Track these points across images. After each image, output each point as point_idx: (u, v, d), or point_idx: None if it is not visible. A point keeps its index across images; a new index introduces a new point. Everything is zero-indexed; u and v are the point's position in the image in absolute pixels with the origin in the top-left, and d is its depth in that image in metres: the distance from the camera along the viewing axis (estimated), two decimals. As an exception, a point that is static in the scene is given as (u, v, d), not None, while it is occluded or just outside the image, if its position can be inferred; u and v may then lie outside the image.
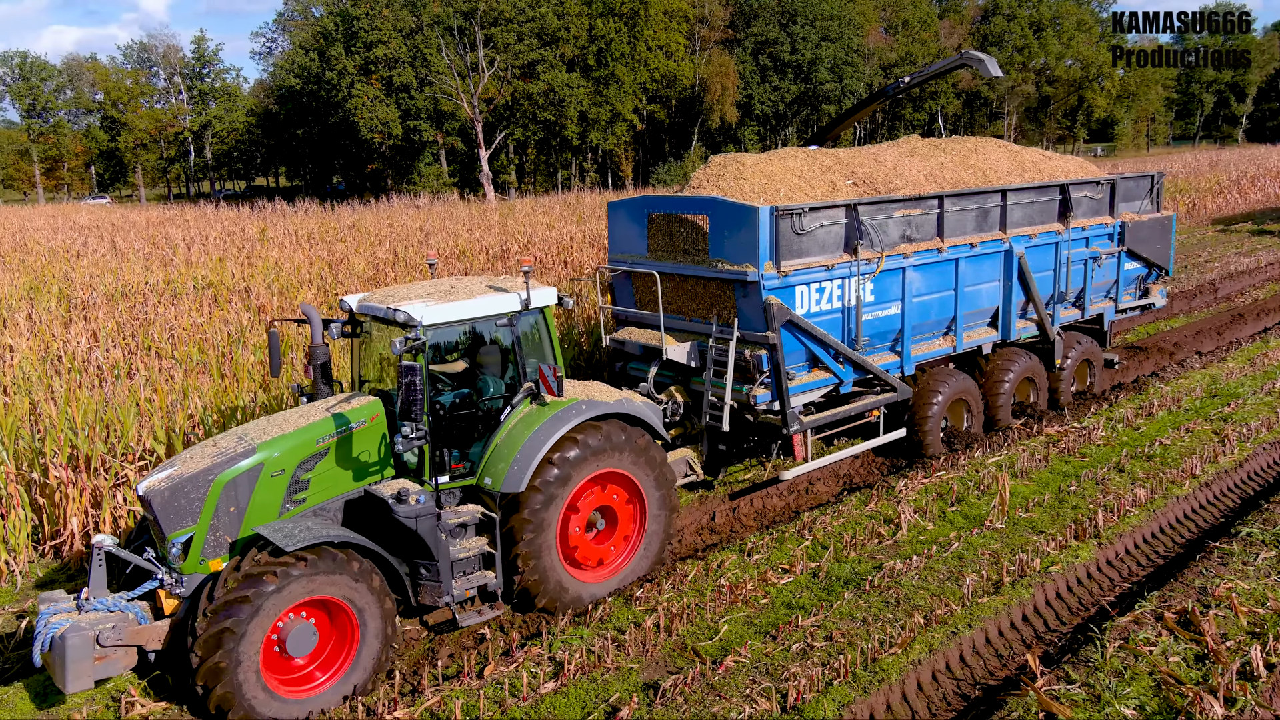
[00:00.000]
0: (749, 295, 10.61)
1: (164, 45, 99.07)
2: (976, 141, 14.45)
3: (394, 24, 68.18)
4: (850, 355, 11.42)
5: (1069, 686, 7.35)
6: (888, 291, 11.82)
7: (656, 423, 10.06)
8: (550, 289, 9.51)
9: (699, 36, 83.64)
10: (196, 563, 7.96)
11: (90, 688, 7.55)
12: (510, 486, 8.73)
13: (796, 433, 11.15)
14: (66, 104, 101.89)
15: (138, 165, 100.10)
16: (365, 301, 9.41)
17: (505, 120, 72.96)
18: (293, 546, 7.41)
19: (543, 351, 9.60)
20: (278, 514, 8.29)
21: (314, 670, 7.86)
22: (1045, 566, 9.48)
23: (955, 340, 12.91)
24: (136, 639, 7.68)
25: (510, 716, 7.43)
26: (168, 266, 25.67)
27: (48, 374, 15.20)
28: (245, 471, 8.10)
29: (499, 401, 9.30)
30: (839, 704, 7.40)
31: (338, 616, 7.86)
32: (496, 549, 8.88)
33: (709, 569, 9.82)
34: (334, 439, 8.61)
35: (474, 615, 8.81)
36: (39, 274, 24.35)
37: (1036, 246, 13.52)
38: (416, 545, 8.50)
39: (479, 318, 9.06)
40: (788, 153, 12.41)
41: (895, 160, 13.05)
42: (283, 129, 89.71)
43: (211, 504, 7.98)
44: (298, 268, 24.99)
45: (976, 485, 11.65)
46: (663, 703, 7.47)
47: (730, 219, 10.68)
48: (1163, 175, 15.72)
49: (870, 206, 11.39)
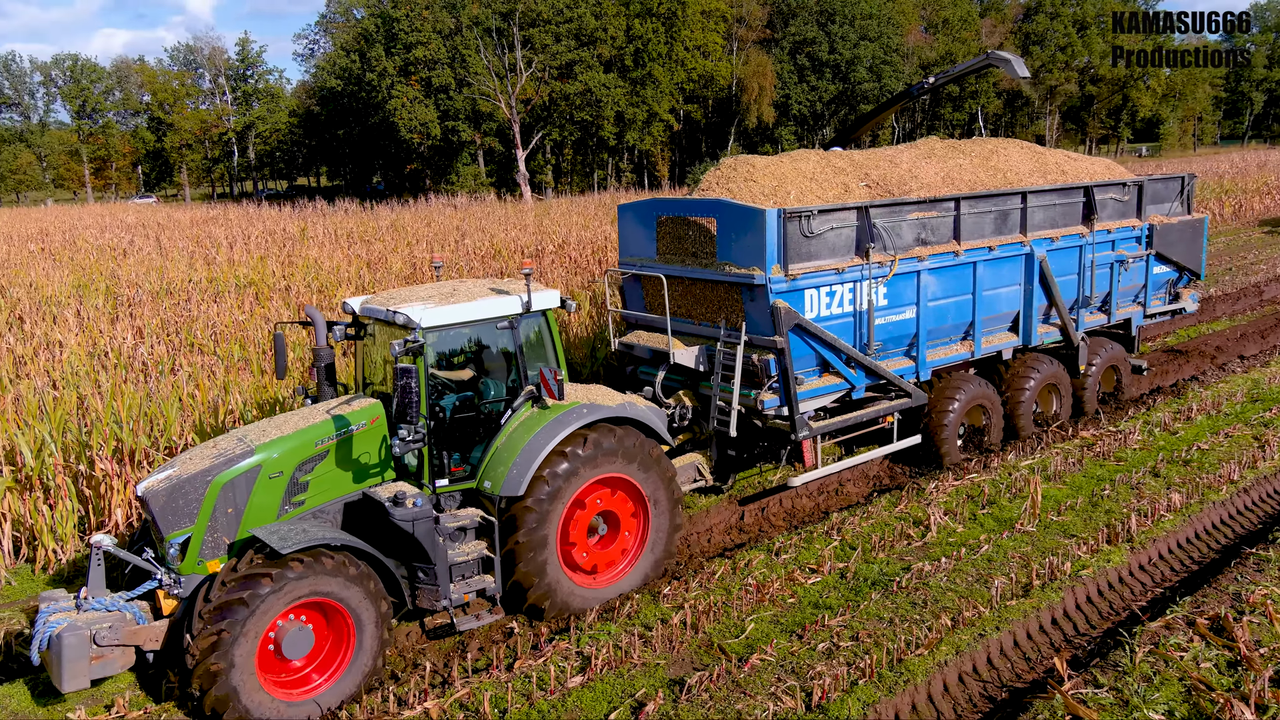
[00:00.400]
0: (756, 299, 10.49)
1: (209, 47, 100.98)
2: (998, 143, 14.16)
3: (433, 25, 68.88)
4: (862, 360, 11.26)
5: (1096, 690, 7.31)
6: (901, 295, 11.63)
7: (660, 427, 9.94)
8: (553, 292, 9.45)
9: (736, 36, 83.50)
10: (194, 564, 7.98)
11: (86, 687, 7.59)
12: (509, 490, 8.66)
13: (805, 439, 11.04)
14: (115, 105, 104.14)
15: (183, 165, 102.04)
16: (368, 304, 9.42)
17: (542, 120, 73.37)
18: (288, 549, 7.38)
19: (546, 354, 9.55)
20: (276, 516, 8.28)
21: (310, 672, 7.85)
22: (1076, 570, 9.41)
23: (974, 345, 12.67)
24: (134, 639, 7.69)
25: (538, 709, 7.54)
26: (210, 265, 26.19)
27: (95, 369, 15.60)
28: (243, 473, 8.10)
29: (500, 404, 9.26)
30: (864, 703, 7.42)
31: (334, 619, 7.84)
32: (495, 553, 8.83)
33: (736, 568, 9.87)
34: (333, 441, 8.58)
35: (472, 619, 8.74)
36: (87, 272, 24.96)
37: (1059, 250, 13.22)
38: (414, 548, 8.46)
39: (479, 320, 9.01)
40: (800, 155, 12.28)
41: (911, 162, 12.85)
42: (324, 129, 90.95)
43: (209, 505, 7.99)
44: (336, 266, 25.36)
45: (1008, 488, 11.58)
46: (688, 699, 7.54)
47: (737, 221, 10.54)
48: (1194, 177, 15.33)
49: (882, 209, 11.22)
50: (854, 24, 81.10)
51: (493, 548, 8.85)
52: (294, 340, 16.10)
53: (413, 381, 7.95)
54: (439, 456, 8.87)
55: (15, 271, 25.45)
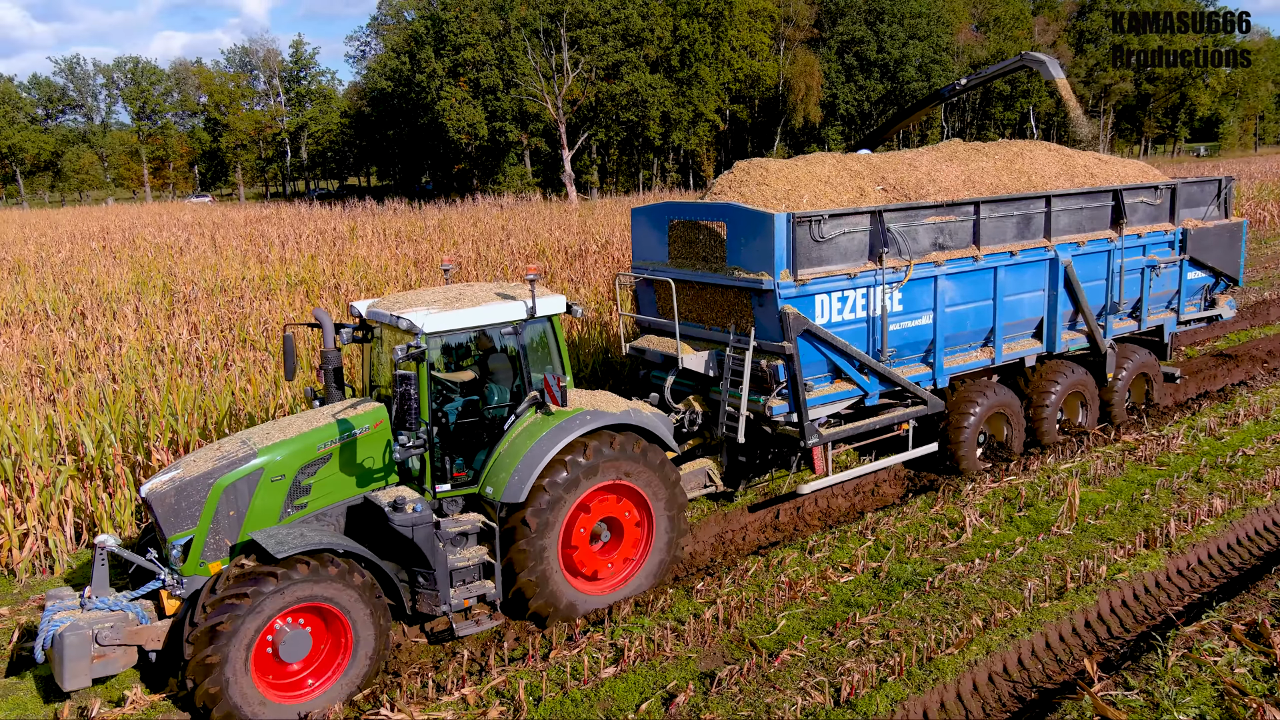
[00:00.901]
0: (765, 304, 10.36)
1: (264, 50, 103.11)
2: (1024, 145, 13.83)
3: (482, 27, 69.66)
4: (875, 366, 11.06)
5: (1127, 693, 7.32)
6: (918, 301, 11.42)
7: (666, 434, 9.85)
8: (559, 297, 9.39)
9: (784, 36, 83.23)
10: (196, 565, 8.06)
11: (88, 685, 7.69)
12: (510, 497, 8.65)
13: (815, 445, 10.87)
14: (173, 106, 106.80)
15: (238, 165, 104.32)
16: (374, 308, 9.37)
17: (588, 121, 73.84)
18: (284, 553, 7.41)
19: (551, 360, 9.50)
20: (278, 519, 8.33)
21: (306, 676, 7.86)
22: (1112, 574, 9.38)
23: (994, 352, 12.39)
24: (135, 639, 7.77)
25: (571, 698, 7.73)
26: (263, 263, 26.87)
27: (152, 364, 16.15)
28: (245, 476, 8.16)
29: (504, 410, 9.25)
30: (892, 700, 7.50)
31: (333, 623, 7.86)
32: (496, 559, 8.82)
33: (770, 565, 9.99)
34: (336, 445, 8.59)
35: (471, 625, 8.76)
36: (146, 269, 25.76)
37: (1085, 255, 12.91)
38: (414, 553, 8.47)
39: (482, 326, 8.98)
40: (816, 158, 12.05)
41: (931, 165, 12.59)
42: (374, 130, 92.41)
43: (211, 507, 8.05)
44: (384, 265, 25.87)
45: (1047, 491, 11.54)
46: (718, 691, 7.69)
47: (746, 226, 10.40)
48: (1231, 180, 14.86)
49: (897, 213, 10.99)
50: (903, 23, 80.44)
51: (494, 553, 8.84)
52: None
53: (412, 388, 7.93)
54: (441, 461, 8.86)
55: (78, 269, 26.37)
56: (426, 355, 8.51)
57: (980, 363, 12.34)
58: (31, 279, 24.70)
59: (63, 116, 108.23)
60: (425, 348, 8.44)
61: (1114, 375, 13.84)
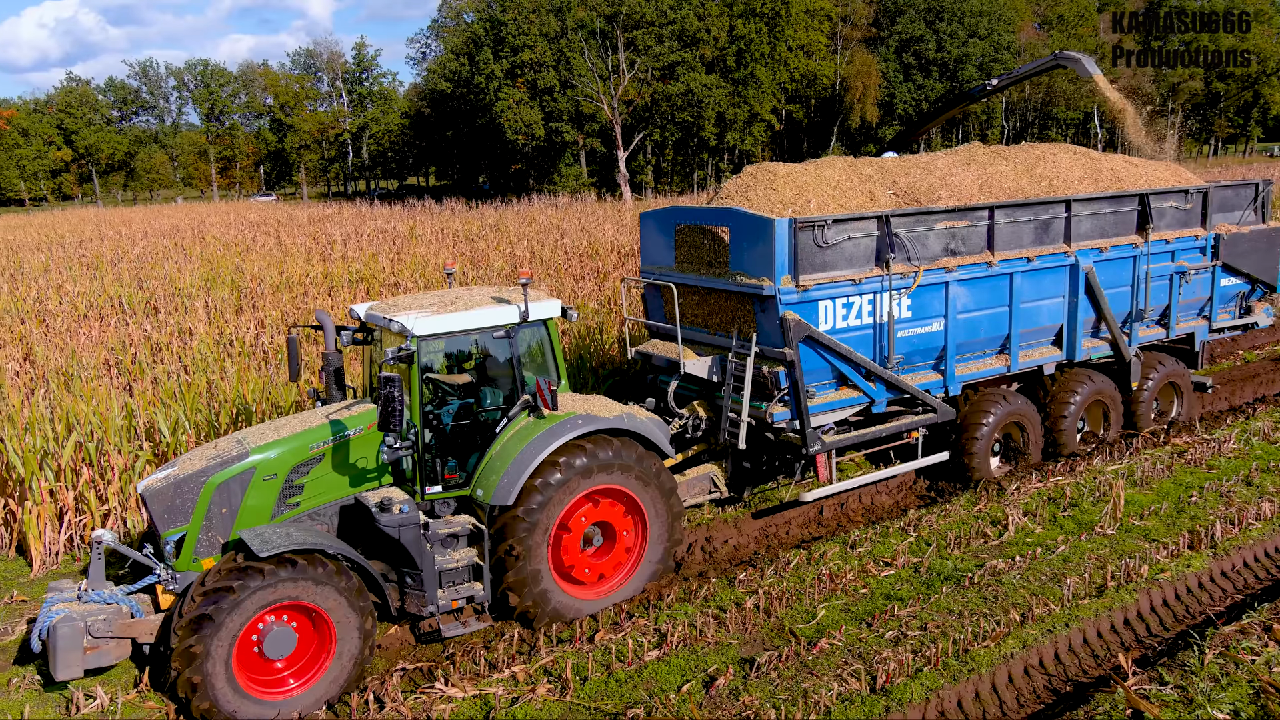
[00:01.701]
0: (766, 309, 10.29)
1: (328, 52, 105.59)
2: (1047, 148, 13.61)
3: (540, 29, 70.48)
4: (881, 373, 10.94)
5: (1161, 688, 7.42)
6: (928, 307, 11.27)
7: (661, 439, 9.83)
8: (554, 301, 9.48)
9: (841, 35, 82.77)
10: (189, 561, 8.29)
11: (80, 676, 7.84)
12: (499, 500, 8.71)
13: (818, 453, 10.82)
14: (240, 108, 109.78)
15: (301, 165, 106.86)
16: (372, 310, 9.52)
17: (644, 121, 74.26)
18: (267, 552, 7.56)
19: (545, 364, 9.60)
20: (270, 517, 8.52)
21: (288, 675, 7.99)
22: (1154, 574, 9.44)
23: (1010, 360, 12.18)
24: (128, 631, 7.96)
25: (615, 678, 8.07)
26: (326, 260, 27.70)
27: (221, 356, 16.88)
28: (237, 474, 8.38)
29: (497, 413, 9.36)
30: (927, 689, 7.70)
31: (318, 624, 7.98)
32: (485, 560, 8.94)
33: (811, 558, 10.22)
34: (329, 445, 8.77)
35: (458, 626, 8.89)
36: (215, 266, 26.74)
37: (1109, 260, 12.60)
38: (401, 554, 8.62)
39: (474, 329, 9.07)
40: (826, 162, 11.95)
41: (946, 169, 12.35)
42: (433, 131, 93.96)
43: (203, 505, 8.28)
44: (442, 263, 26.48)
45: (1092, 492, 11.57)
46: (757, 676, 7.96)
47: (748, 231, 10.35)
48: (1269, 183, 14.41)
49: (905, 218, 10.85)
50: (963, 21, 79.43)
51: (483, 555, 8.95)
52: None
53: (395, 390, 8.01)
54: (432, 463, 9.00)
55: (151, 265, 27.47)
56: (416, 357, 8.64)
57: (995, 370, 12.18)
58: (109, 274, 25.84)
59: (136, 118, 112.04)
60: (414, 350, 8.58)
61: (1139, 384, 13.52)
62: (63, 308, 21.41)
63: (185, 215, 54.08)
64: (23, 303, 21.77)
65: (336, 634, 7.97)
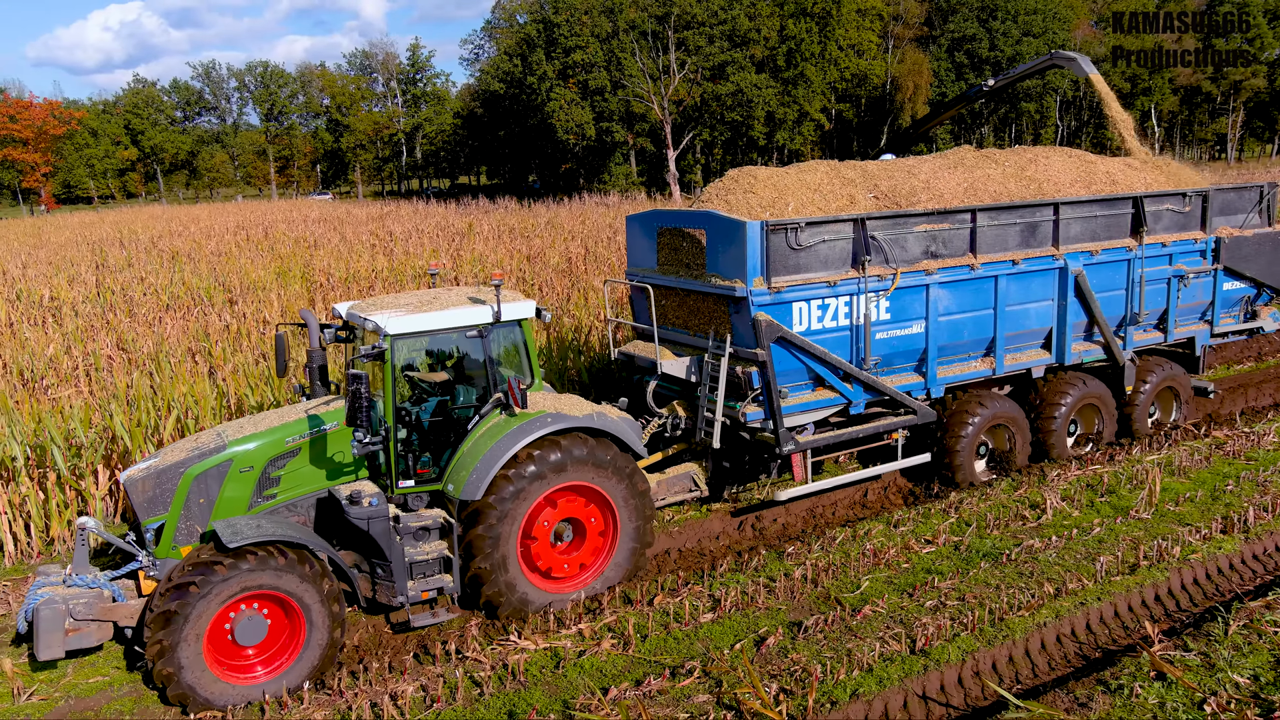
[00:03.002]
0: (740, 311, 10.43)
1: (383, 53, 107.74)
2: (1039, 151, 13.50)
3: (592, 30, 71.45)
4: (858, 375, 11.02)
5: (1185, 654, 7.94)
6: (908, 309, 11.33)
7: (632, 438, 10.03)
8: (529, 302, 9.69)
9: (892, 34, 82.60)
10: (169, 549, 8.64)
11: (61, 657, 8.20)
12: (468, 494, 8.96)
13: (793, 452, 10.93)
14: (298, 108, 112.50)
15: (356, 164, 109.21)
16: (353, 309, 9.74)
17: (693, 121, 74.90)
18: (236, 543, 7.84)
19: (520, 363, 9.89)
20: (247, 507, 8.85)
21: (257, 662, 8.27)
22: (1185, 554, 9.89)
23: (995, 362, 12.21)
24: (109, 615, 8.31)
25: (673, 636, 8.78)
26: (389, 256, 28.81)
27: (297, 344, 17.89)
28: (215, 466, 8.73)
29: (470, 410, 9.62)
30: (963, 651, 8.29)
31: (290, 612, 8.24)
32: (455, 553, 9.21)
33: (856, 535, 10.83)
34: (306, 439, 9.10)
35: (428, 616, 9.07)
36: (284, 260, 27.98)
37: (1100, 264, 12.55)
38: (373, 545, 8.93)
39: (447, 329, 9.29)
40: (809, 166, 12.00)
41: (931, 173, 12.36)
42: (486, 130, 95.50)
43: (182, 495, 8.63)
44: (500, 260, 27.42)
45: (1130, 479, 12.00)
46: (804, 637, 8.61)
47: (723, 233, 10.51)
48: (1276, 186, 14.21)
49: (882, 221, 10.94)
50: (1017, 20, 78.82)
51: (453, 548, 9.22)
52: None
53: (362, 387, 8.26)
54: (405, 458, 9.28)
55: (226, 260, 28.82)
56: (390, 355, 8.93)
57: (980, 373, 12.21)
58: (187, 268, 27.20)
59: (199, 118, 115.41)
60: (386, 348, 8.88)
61: (1133, 389, 13.43)
62: (146, 299, 22.70)
63: (249, 213, 55.91)
64: (110, 294, 23.10)
65: (306, 623, 8.25)
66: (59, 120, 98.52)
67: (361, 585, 9.08)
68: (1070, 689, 7.65)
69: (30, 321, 20.19)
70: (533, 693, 7.95)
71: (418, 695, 7.94)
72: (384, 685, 8.13)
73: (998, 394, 12.70)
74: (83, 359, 16.92)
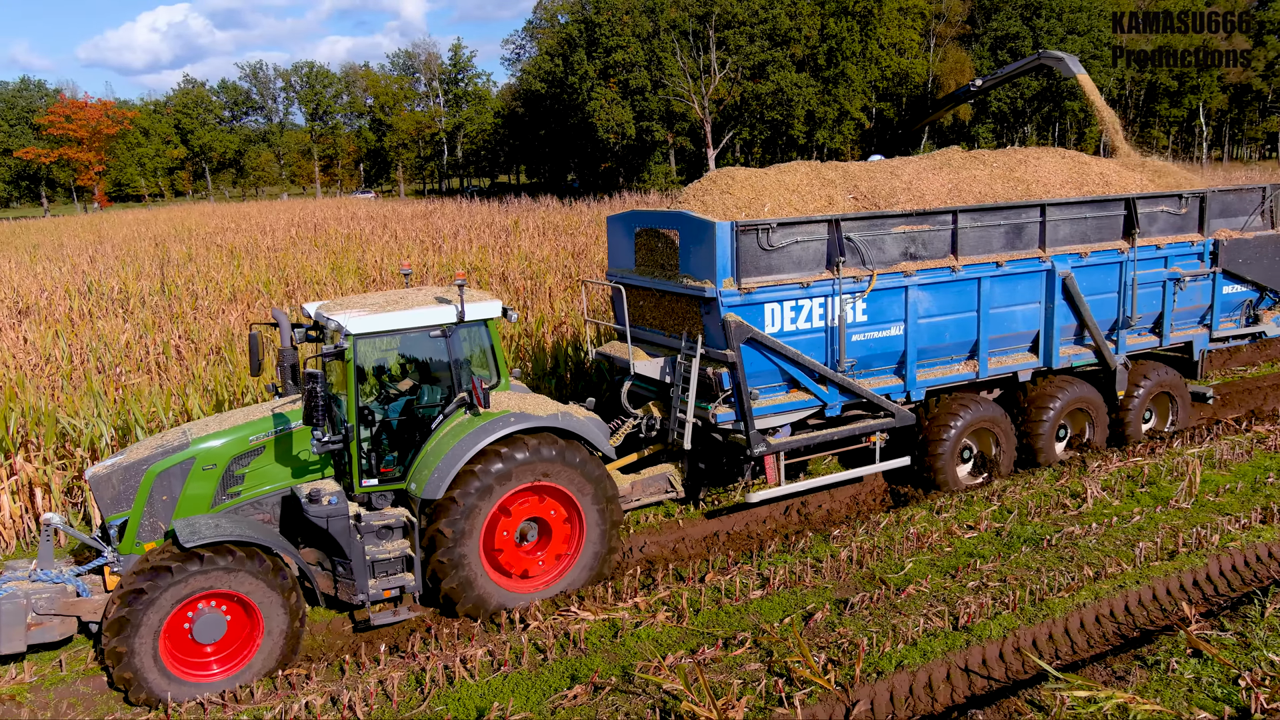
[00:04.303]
0: (710, 312, 10.41)
1: (425, 53, 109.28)
2: (1030, 152, 13.35)
3: (633, 29, 72.00)
4: (831, 377, 10.98)
5: (1222, 634, 8.23)
6: (885, 311, 11.26)
7: (598, 438, 10.05)
8: (494, 302, 9.70)
9: (934, 33, 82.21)
10: (132, 544, 8.71)
11: (23, 650, 8.27)
12: (429, 493, 9.01)
13: (765, 454, 10.89)
14: (342, 108, 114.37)
15: (399, 163, 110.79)
16: (320, 309, 9.82)
17: (733, 120, 75.17)
18: (192, 543, 7.93)
19: (486, 363, 9.94)
20: (211, 505, 8.93)
21: (213, 661, 8.35)
22: (1224, 542, 10.14)
23: (979, 366, 12.09)
24: (72, 610, 8.37)
25: (724, 611, 9.23)
26: (438, 252, 29.52)
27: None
28: (177, 464, 8.80)
29: (435, 410, 9.70)
30: (1004, 628, 8.64)
31: (250, 611, 8.33)
32: (416, 552, 9.28)
33: (900, 520, 11.20)
34: (270, 437, 9.17)
35: (388, 615, 9.14)
36: (338, 256, 28.80)
37: (1090, 266, 12.39)
38: (333, 544, 9.01)
39: (410, 329, 9.31)
40: (789, 167, 11.98)
41: (915, 174, 12.24)
42: (526, 130, 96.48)
43: (144, 492, 8.70)
44: (545, 256, 28.01)
45: (1170, 471, 12.24)
46: (850, 613, 9.02)
47: (694, 234, 10.50)
48: (1278, 187, 13.93)
49: (858, 222, 10.87)
50: (1061, 18, 78.10)
51: (415, 546, 9.30)
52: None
53: (318, 387, 8.32)
54: (369, 457, 9.35)
55: (282, 255, 29.73)
56: (351, 355, 8.98)
57: (963, 376, 12.09)
58: (245, 263, 28.12)
59: (246, 118, 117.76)
60: (347, 347, 8.94)
61: (1126, 394, 13.23)
62: (208, 292, 23.58)
63: (297, 210, 57.16)
64: (174, 287, 24.02)
65: (263, 621, 8.35)
66: (112, 120, 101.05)
67: (322, 583, 9.19)
68: (1108, 663, 7.98)
69: (102, 313, 21.10)
70: (593, 658, 8.44)
71: (486, 659, 8.46)
72: (454, 650, 8.66)
73: (982, 398, 12.54)
74: (152, 348, 17.72)
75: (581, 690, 7.82)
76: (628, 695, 7.76)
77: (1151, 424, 14.03)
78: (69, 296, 22.97)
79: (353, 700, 7.77)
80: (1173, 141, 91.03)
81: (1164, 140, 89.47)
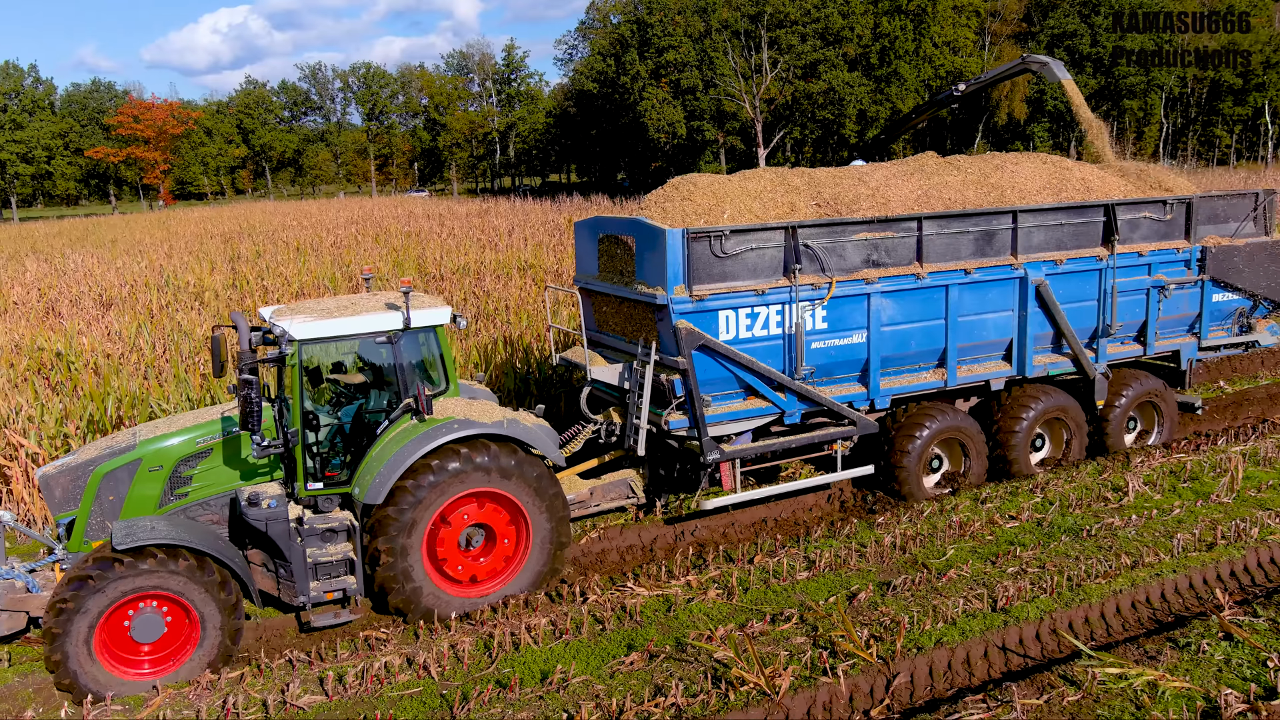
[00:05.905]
0: (663, 318, 10.41)
1: (479, 54, 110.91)
2: (1007, 158, 13.11)
3: (685, 29, 72.51)
4: (789, 384, 10.92)
5: (1254, 619, 8.55)
6: (847, 319, 11.18)
7: (547, 445, 10.12)
8: (444, 309, 9.76)
9: (989, 31, 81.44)
10: (80, 543, 8.89)
11: None
12: (371, 498, 9.09)
13: (720, 461, 10.87)
14: (398, 108, 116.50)
15: (452, 162, 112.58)
16: (273, 314, 9.88)
17: (784, 120, 75.29)
18: (125, 545, 8.05)
19: (435, 369, 10.02)
20: (158, 505, 9.08)
21: (146, 660, 8.47)
22: (1263, 535, 10.38)
23: (947, 374, 11.92)
24: (20, 605, 8.57)
25: (771, 590, 9.74)
26: (496, 250, 30.36)
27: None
28: (124, 465, 8.97)
29: (381, 415, 9.80)
30: (1042, 611, 9.02)
31: (189, 612, 8.43)
32: (358, 555, 9.42)
33: (943, 509, 11.60)
34: (217, 440, 9.32)
35: (329, 616, 9.23)
36: (399, 253, 29.78)
37: (1066, 273, 12.17)
38: (272, 546, 9.14)
39: (355, 334, 9.41)
40: (753, 173, 11.88)
41: (883, 180, 12.06)
42: (578, 129, 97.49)
43: (91, 492, 8.86)
44: (599, 254, 28.68)
45: (1213, 467, 12.44)
46: (893, 594, 9.47)
47: (648, 240, 10.51)
48: (1272, 193, 13.55)
49: (815, 229, 10.76)
50: (1121, 16, 76.80)
51: (357, 550, 9.43)
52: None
53: (253, 393, 8.49)
54: (314, 461, 9.44)
55: (346, 251, 30.79)
56: (297, 360, 9.13)
57: (930, 385, 11.96)
58: (311, 259, 29.21)
59: (305, 118, 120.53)
60: (290, 352, 9.08)
61: (1106, 403, 12.99)
62: (278, 286, 24.63)
63: (356, 209, 58.65)
64: (245, 281, 25.13)
65: (199, 623, 8.47)
66: (178, 120, 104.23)
67: (266, 584, 9.41)
68: (1140, 644, 8.35)
69: (180, 305, 22.22)
70: (648, 630, 9.01)
71: (548, 628, 9.08)
72: (520, 619, 9.29)
73: (950, 407, 12.37)
74: (229, 339, 18.70)
75: (638, 657, 8.39)
76: (681, 662, 8.31)
77: (1136, 434, 13.81)
78: (148, 289, 24.19)
79: (427, 661, 8.43)
80: (1236, 140, 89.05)
81: (1227, 140, 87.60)
